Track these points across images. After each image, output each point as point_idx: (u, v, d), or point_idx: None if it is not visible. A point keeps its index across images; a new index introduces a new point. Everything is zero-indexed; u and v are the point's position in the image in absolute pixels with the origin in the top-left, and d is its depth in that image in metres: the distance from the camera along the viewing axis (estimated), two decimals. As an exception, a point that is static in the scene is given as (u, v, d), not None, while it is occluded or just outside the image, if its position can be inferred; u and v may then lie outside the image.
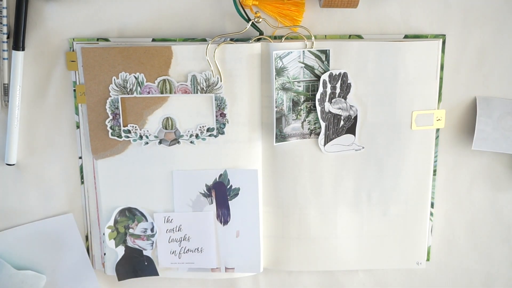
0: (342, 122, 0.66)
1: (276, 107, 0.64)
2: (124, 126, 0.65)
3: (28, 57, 0.65)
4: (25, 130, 0.67)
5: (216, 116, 0.65)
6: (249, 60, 0.63)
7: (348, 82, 0.65)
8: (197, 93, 0.64)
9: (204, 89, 0.64)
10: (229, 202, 0.68)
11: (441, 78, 0.66)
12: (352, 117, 0.66)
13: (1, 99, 0.66)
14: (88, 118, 0.65)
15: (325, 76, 0.64)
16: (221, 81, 0.64)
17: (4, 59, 0.65)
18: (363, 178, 0.69)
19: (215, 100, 0.64)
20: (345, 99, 0.65)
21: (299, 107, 0.65)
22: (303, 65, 0.64)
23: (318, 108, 0.65)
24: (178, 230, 0.69)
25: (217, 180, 0.68)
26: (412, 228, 0.70)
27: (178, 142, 0.66)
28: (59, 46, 0.65)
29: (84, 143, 0.67)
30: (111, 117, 0.65)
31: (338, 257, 0.71)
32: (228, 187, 0.68)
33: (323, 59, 0.64)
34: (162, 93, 0.64)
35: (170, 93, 0.64)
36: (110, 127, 0.65)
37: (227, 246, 0.70)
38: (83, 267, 0.72)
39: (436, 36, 0.65)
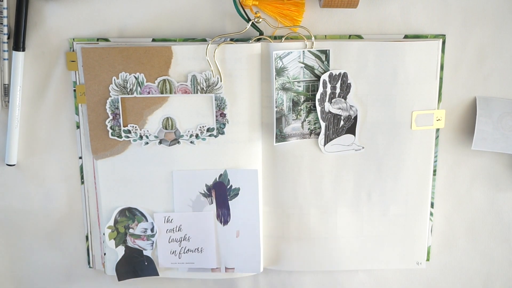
0: (342, 122, 0.66)
1: (276, 107, 0.64)
2: (124, 126, 0.65)
3: (28, 58, 0.65)
4: (25, 130, 0.67)
5: (216, 116, 0.65)
6: (249, 60, 0.63)
7: (348, 82, 0.65)
8: (197, 93, 0.64)
9: (204, 89, 0.64)
10: (229, 202, 0.68)
11: (441, 78, 0.66)
12: (352, 117, 0.66)
13: (2, 100, 0.66)
14: (88, 118, 0.65)
15: (325, 76, 0.64)
16: (221, 81, 0.64)
17: (4, 59, 0.65)
18: (363, 178, 0.69)
19: (215, 100, 0.64)
20: (345, 99, 0.65)
21: (299, 107, 0.65)
22: (303, 65, 0.64)
23: (318, 108, 0.65)
24: (178, 230, 0.69)
25: (217, 180, 0.68)
26: (412, 228, 0.70)
27: (178, 142, 0.66)
28: (59, 46, 0.65)
29: (84, 143, 0.67)
30: (111, 117, 0.65)
31: (338, 257, 0.71)
32: (228, 187, 0.68)
33: (323, 59, 0.64)
34: (162, 93, 0.64)
35: (170, 93, 0.64)
36: (110, 127, 0.65)
37: (227, 246, 0.70)
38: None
39: (436, 36, 0.65)
